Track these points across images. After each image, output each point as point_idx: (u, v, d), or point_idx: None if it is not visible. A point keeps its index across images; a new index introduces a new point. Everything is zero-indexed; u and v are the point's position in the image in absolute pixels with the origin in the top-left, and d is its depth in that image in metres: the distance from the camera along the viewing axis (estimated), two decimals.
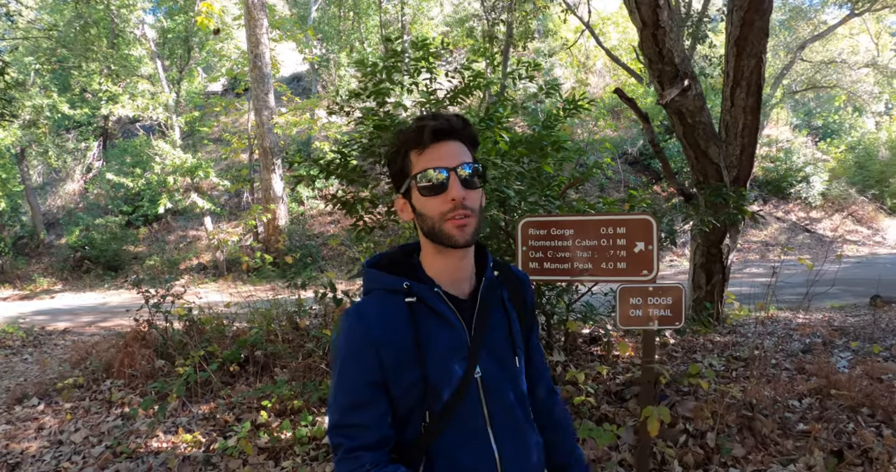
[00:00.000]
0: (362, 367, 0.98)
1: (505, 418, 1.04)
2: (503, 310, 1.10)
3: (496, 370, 1.04)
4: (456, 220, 0.95)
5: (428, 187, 0.96)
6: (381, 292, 1.04)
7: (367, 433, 0.97)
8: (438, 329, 1.01)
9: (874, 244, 17.99)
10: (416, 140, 0.98)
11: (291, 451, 2.91)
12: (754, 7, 4.21)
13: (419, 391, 0.98)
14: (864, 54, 22.33)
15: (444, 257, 1.03)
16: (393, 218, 3.51)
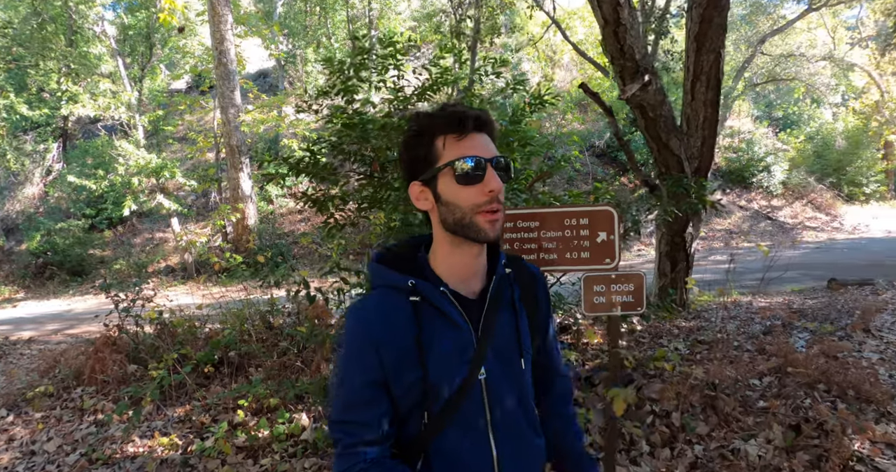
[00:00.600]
0: (363, 366, 0.97)
1: (507, 420, 1.03)
2: (512, 310, 1.07)
3: (501, 372, 1.02)
4: (489, 214, 0.94)
5: (465, 176, 0.93)
6: (386, 289, 1.02)
7: (366, 430, 0.97)
8: (443, 329, 0.99)
9: (832, 230, 18.69)
10: (455, 126, 0.95)
11: (270, 449, 2.93)
12: (713, 4, 4.35)
13: (419, 391, 0.97)
14: (821, 48, 23.13)
15: (460, 252, 1.01)
16: (363, 215, 3.54)
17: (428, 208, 1.01)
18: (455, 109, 0.96)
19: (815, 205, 20.62)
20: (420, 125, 0.98)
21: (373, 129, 2.93)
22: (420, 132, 0.98)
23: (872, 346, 5.03)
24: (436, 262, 1.03)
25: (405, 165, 1.03)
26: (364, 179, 3.41)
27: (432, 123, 0.97)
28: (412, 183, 1.01)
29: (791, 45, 23.09)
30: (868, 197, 22.76)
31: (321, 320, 3.62)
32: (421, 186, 1.00)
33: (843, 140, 23.97)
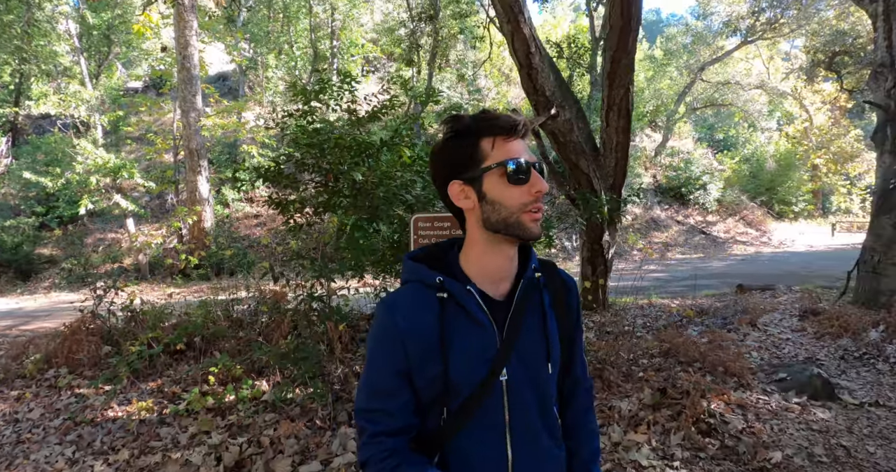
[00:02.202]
0: (389, 356, 1.01)
1: (525, 425, 1.04)
2: (541, 315, 1.08)
3: (524, 376, 1.03)
4: (533, 213, 0.98)
5: (516, 176, 0.97)
6: (416, 285, 1.05)
7: (390, 420, 1.00)
8: (467, 327, 1.01)
9: (761, 244, 20.28)
10: (506, 128, 0.99)
11: (235, 409, 3.52)
12: (622, 48, 5.20)
13: (440, 386, 0.99)
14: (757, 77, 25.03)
15: (495, 252, 1.03)
16: (319, 217, 4.17)
17: (469, 207, 1.03)
18: (501, 113, 1.02)
19: (747, 221, 22.27)
20: (464, 127, 1.01)
21: (329, 147, 3.57)
22: (464, 134, 1.01)
23: (754, 337, 5.99)
24: (467, 262, 1.06)
25: (442, 166, 1.05)
26: (320, 187, 4.05)
27: (479, 125, 1.00)
28: (452, 182, 1.03)
29: (729, 73, 24.89)
30: (797, 215, 24.72)
31: (280, 301, 4.20)
32: (462, 186, 1.02)
33: (773, 162, 25.89)
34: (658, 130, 25.11)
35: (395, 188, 3.42)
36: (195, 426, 3.35)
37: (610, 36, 5.04)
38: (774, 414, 3.82)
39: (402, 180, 3.47)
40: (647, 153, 22.83)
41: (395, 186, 3.44)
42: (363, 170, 3.54)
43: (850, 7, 15.74)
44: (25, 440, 3.55)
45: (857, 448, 3.46)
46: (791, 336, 5.98)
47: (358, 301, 5.40)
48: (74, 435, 3.49)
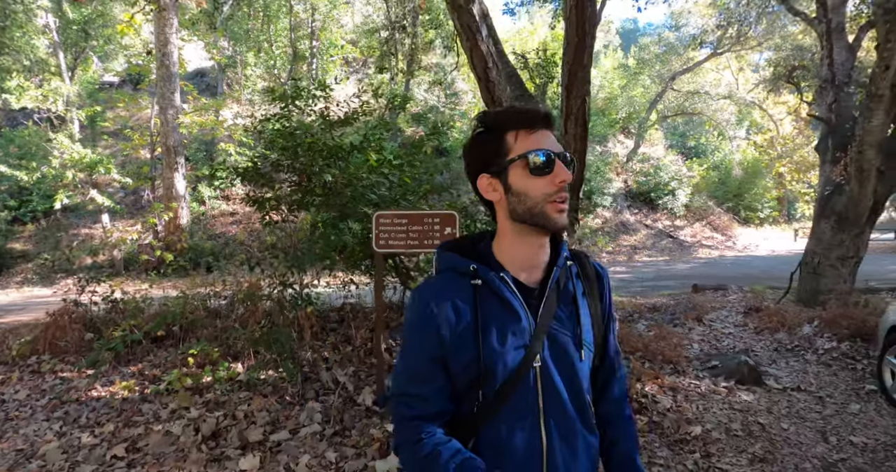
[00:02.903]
0: (424, 342, 1.03)
1: (559, 411, 1.04)
2: (573, 303, 1.09)
3: (557, 363, 1.04)
4: (558, 203, 0.99)
5: (539, 167, 0.98)
6: (450, 273, 1.07)
7: (426, 405, 1.02)
8: (500, 313, 1.02)
9: (725, 248, 21.01)
10: (527, 121, 1.01)
11: (212, 388, 3.83)
12: (577, 62, 5.60)
13: (475, 371, 1.00)
14: (726, 87, 25.91)
15: (525, 242, 1.05)
16: (294, 215, 4.50)
17: (496, 199, 1.05)
18: (526, 107, 1.06)
19: (714, 226, 23.05)
20: (490, 122, 1.05)
21: (302, 150, 3.92)
22: (490, 128, 1.04)
23: (699, 331, 6.49)
24: (500, 251, 1.08)
25: (472, 160, 1.08)
26: (294, 186, 4.38)
27: (504, 119, 1.03)
28: (480, 176, 1.06)
29: (699, 83, 25.72)
30: (762, 220, 25.64)
31: (255, 291, 4.52)
32: (489, 179, 1.04)
33: (740, 170, 26.82)
34: (630, 136, 25.82)
35: (362, 189, 3.78)
36: (175, 402, 3.66)
37: (567, 50, 5.44)
38: (702, 396, 4.28)
39: (369, 181, 3.84)
40: (619, 159, 23.49)
41: (363, 186, 3.80)
42: (334, 171, 3.90)
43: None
44: (14, 417, 3.81)
45: (772, 425, 3.92)
46: (733, 331, 6.49)
47: (329, 295, 5.74)
48: (61, 412, 3.77)
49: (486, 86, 4.59)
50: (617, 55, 30.82)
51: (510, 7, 10.18)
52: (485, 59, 4.48)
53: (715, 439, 3.57)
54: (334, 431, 3.21)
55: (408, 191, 4.41)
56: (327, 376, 3.80)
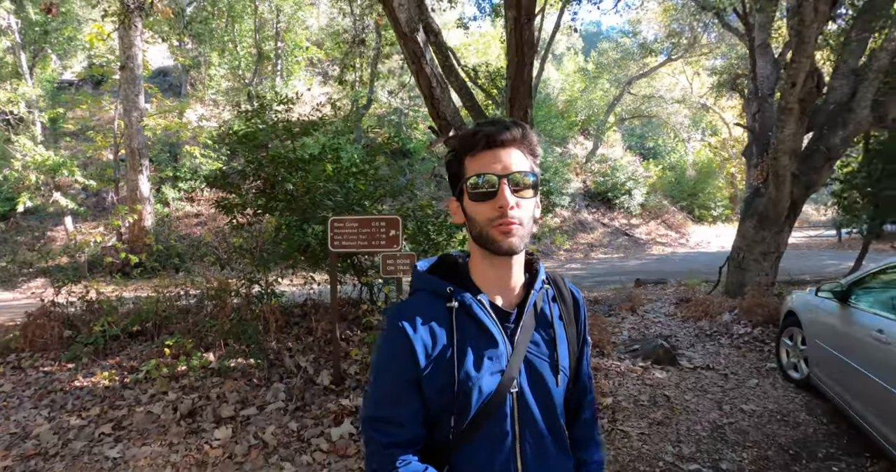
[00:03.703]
0: (397, 364, 1.00)
1: (535, 437, 1.03)
2: (550, 327, 1.08)
3: (533, 388, 1.03)
4: (501, 227, 0.95)
5: (477, 193, 0.97)
6: (426, 294, 1.05)
7: (400, 431, 0.99)
8: (477, 337, 1.00)
9: (678, 245, 22.05)
10: (471, 145, 0.99)
11: (187, 375, 4.28)
12: (518, 78, 6.21)
13: (449, 396, 0.98)
14: (681, 91, 27.07)
15: (492, 264, 1.03)
16: (258, 218, 4.97)
17: (461, 222, 1.05)
18: (473, 129, 1.00)
19: (668, 224, 24.13)
20: (454, 145, 1.04)
21: (266, 161, 4.39)
22: (455, 153, 1.03)
23: (631, 320, 7.19)
24: (474, 273, 1.06)
25: (449, 182, 1.08)
26: (259, 192, 4.85)
27: (460, 143, 1.02)
28: (451, 199, 1.07)
29: (656, 87, 26.80)
30: (715, 218, 26.91)
31: (224, 288, 4.96)
32: (456, 202, 1.05)
33: (694, 170, 28.07)
34: (590, 137, 26.76)
35: (320, 196, 4.29)
36: (154, 388, 4.10)
37: (509, 68, 6.05)
38: (620, 374, 4.92)
39: (326, 189, 4.34)
40: (578, 160, 24.37)
41: (320, 194, 4.31)
42: (295, 180, 4.38)
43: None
44: (2, 407, 4.17)
45: (676, 397, 4.58)
46: (662, 319, 7.21)
47: (293, 293, 6.21)
48: (48, 400, 4.16)
49: (431, 103, 5.14)
50: (578, 59, 31.76)
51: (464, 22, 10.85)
52: (429, 79, 5.02)
53: (623, 407, 4.20)
54: (296, 406, 3.73)
55: (364, 196, 4.92)
56: (290, 362, 4.30)
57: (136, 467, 3.09)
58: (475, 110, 6.73)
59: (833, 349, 3.83)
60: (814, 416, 4.14)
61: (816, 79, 7.56)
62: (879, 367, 3.10)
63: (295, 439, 3.35)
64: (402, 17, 4.56)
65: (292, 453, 3.19)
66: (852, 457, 3.46)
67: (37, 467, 3.20)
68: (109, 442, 3.41)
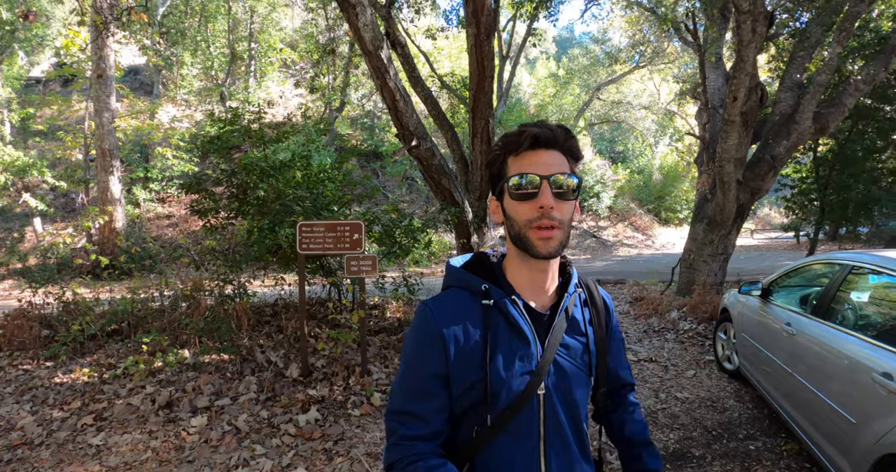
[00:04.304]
0: (428, 358, 1.00)
1: (560, 439, 1.03)
2: (581, 332, 1.09)
3: (561, 391, 1.03)
4: (541, 231, 0.95)
5: (519, 192, 0.97)
6: (460, 290, 1.06)
7: (422, 425, 1.00)
8: (509, 337, 1.00)
9: (644, 247, 22.81)
10: (515, 145, 1.00)
11: (164, 370, 4.54)
12: (480, 90, 6.62)
13: (478, 394, 0.99)
14: (648, 97, 27.87)
15: (527, 265, 1.03)
16: (231, 222, 5.25)
17: (500, 221, 1.06)
18: (520, 129, 1.01)
19: (636, 226, 24.89)
20: (499, 144, 1.04)
21: (240, 169, 4.70)
22: (498, 152, 1.04)
23: None
24: (509, 272, 1.07)
25: (490, 181, 1.09)
26: (232, 198, 5.14)
27: (504, 142, 1.02)
28: (491, 197, 1.08)
29: (624, 93, 27.57)
30: (681, 221, 27.79)
31: (199, 287, 5.23)
32: (495, 201, 1.06)
33: (660, 174, 28.94)
34: None
35: (289, 202, 4.61)
36: (132, 383, 4.36)
37: (471, 81, 6.44)
38: None
39: (295, 195, 4.67)
40: None
41: (290, 200, 4.63)
42: (265, 187, 4.69)
43: None
44: None
45: None
46: (616, 317, 7.67)
47: (265, 294, 6.50)
48: (29, 396, 4.38)
49: (395, 114, 5.50)
50: (550, 64, 32.43)
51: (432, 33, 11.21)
52: (393, 93, 5.38)
53: None
54: (266, 397, 4.05)
55: (332, 201, 5.25)
56: (262, 357, 4.60)
57: (118, 452, 3.37)
58: (440, 119, 7.13)
59: (755, 341, 4.29)
60: (741, 402, 4.59)
61: (760, 93, 8.16)
62: (787, 355, 3.55)
63: (266, 425, 3.67)
64: (367, 36, 4.91)
65: (263, 437, 3.51)
66: (769, 437, 3.90)
67: (24, 455, 3.45)
68: (92, 431, 3.67)
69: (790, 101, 8.39)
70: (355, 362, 4.52)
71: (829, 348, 3.00)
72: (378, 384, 4.28)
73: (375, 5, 6.49)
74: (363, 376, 4.27)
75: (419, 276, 5.93)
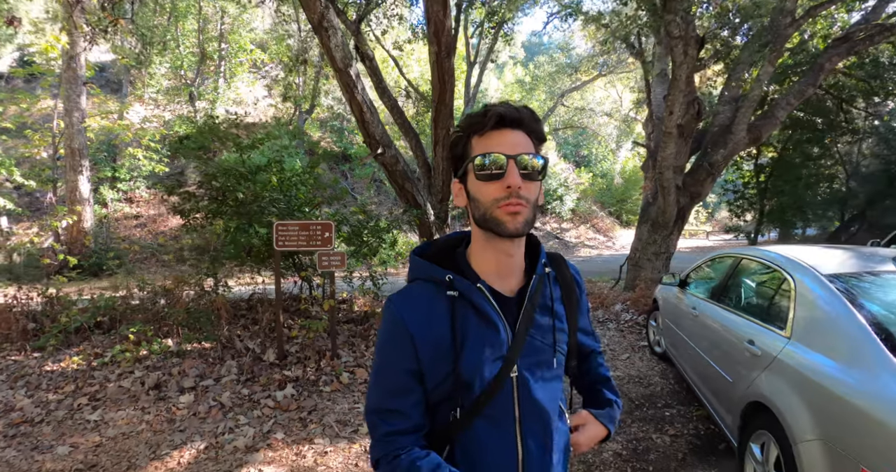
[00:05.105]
0: (399, 355, 1.01)
1: (535, 418, 1.05)
2: (550, 311, 1.09)
3: (534, 371, 1.05)
4: (508, 207, 0.95)
5: (484, 173, 0.96)
6: (425, 282, 1.05)
7: (402, 420, 1.01)
8: (478, 326, 1.01)
9: (605, 248, 23.73)
10: (480, 125, 0.98)
11: (150, 357, 4.98)
12: (441, 101, 7.20)
13: (450, 385, 1.00)
14: (611, 104, 28.92)
15: (493, 248, 1.03)
16: (210, 222, 5.71)
17: (463, 205, 1.05)
18: (484, 108, 0.99)
19: (597, 228, 25.86)
20: (461, 124, 1.02)
21: (220, 173, 5.18)
22: (461, 132, 1.02)
23: None
24: (473, 258, 1.07)
25: (451, 163, 1.07)
26: (211, 200, 5.60)
27: (468, 122, 1.01)
28: (454, 180, 1.06)
29: (588, 99, 28.56)
30: None
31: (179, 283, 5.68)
32: (458, 184, 1.05)
33: (622, 178, 30.04)
34: None
35: (265, 204, 5.12)
36: (120, 368, 4.79)
37: (433, 93, 7.03)
38: None
39: (271, 198, 5.19)
40: None
41: (266, 202, 5.14)
42: (243, 189, 5.19)
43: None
44: None
45: None
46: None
47: (241, 291, 6.95)
48: (23, 382, 4.76)
49: (362, 125, 6.05)
50: (517, 70, 33.29)
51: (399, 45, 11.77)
52: (360, 106, 5.93)
53: None
54: (247, 378, 4.55)
55: (304, 203, 5.77)
56: (241, 345, 5.09)
57: (115, 426, 3.83)
58: (405, 127, 7.70)
59: (674, 325, 4.99)
60: (665, 379, 5.27)
61: (697, 107, 8.96)
62: (693, 334, 4.24)
63: (247, 400, 4.19)
64: (338, 55, 5.44)
65: (245, 410, 4.03)
66: (683, 406, 4.57)
67: (26, 431, 3.87)
68: (88, 410, 4.11)
69: (728, 113, 9.23)
70: (326, 348, 5.07)
71: (718, 325, 3.70)
72: (346, 366, 4.83)
73: (346, 22, 7.03)
74: (333, 360, 4.83)
75: (384, 275, 6.48)
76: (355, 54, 6.38)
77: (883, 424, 1.99)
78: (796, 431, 2.40)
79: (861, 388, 2.19)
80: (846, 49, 8.42)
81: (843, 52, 8.45)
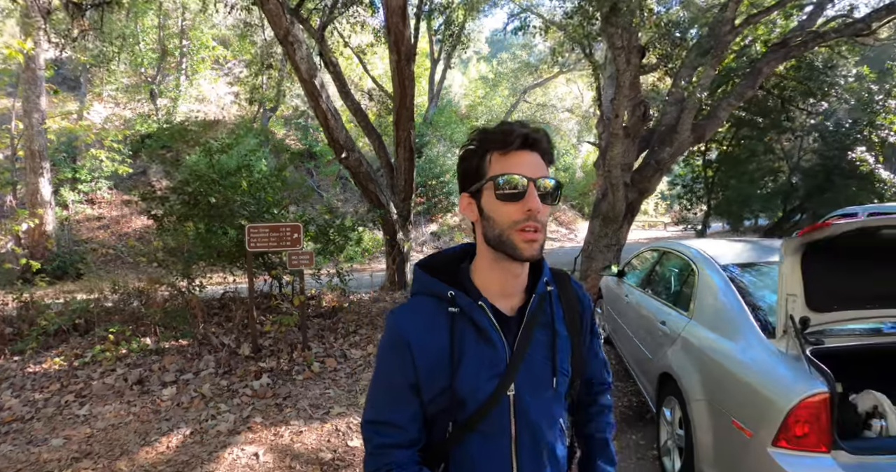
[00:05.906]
0: (397, 368, 1.02)
1: (533, 439, 1.05)
2: (551, 330, 1.09)
3: (532, 391, 1.05)
4: (526, 233, 0.95)
5: (505, 193, 0.96)
6: (426, 297, 1.06)
7: (397, 433, 1.02)
8: (477, 343, 1.02)
9: (567, 240, 24.47)
10: (503, 142, 0.98)
11: (129, 356, 5.29)
12: (402, 106, 7.62)
13: (446, 400, 1.01)
14: (573, 100, 29.66)
15: (501, 268, 1.03)
16: (181, 224, 6.01)
17: (474, 220, 1.04)
18: (506, 127, 0.99)
19: (560, 221, 26.61)
20: (477, 138, 1.02)
21: (193, 179, 5.50)
22: (476, 146, 1.02)
23: None
24: (478, 274, 1.07)
25: (459, 176, 1.07)
26: (183, 204, 5.91)
27: (485, 138, 1.00)
28: (462, 194, 1.05)
29: (550, 96, 29.25)
30: None
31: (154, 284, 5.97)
32: (469, 199, 1.04)
33: (583, 172, 30.91)
34: None
35: (236, 208, 5.48)
36: (102, 367, 5.08)
37: (395, 97, 7.45)
38: None
39: (241, 201, 5.55)
40: None
41: (236, 206, 5.50)
42: (215, 194, 5.52)
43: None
44: None
45: None
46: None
47: (213, 290, 7.26)
48: (7, 384, 4.99)
49: (327, 130, 6.43)
50: (481, 67, 33.79)
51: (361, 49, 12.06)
52: (325, 113, 6.31)
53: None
54: (224, 371, 4.92)
55: (273, 205, 6.12)
56: (217, 341, 5.44)
57: (104, 419, 4.16)
58: (368, 129, 8.09)
59: (613, 312, 5.55)
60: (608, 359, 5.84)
61: (643, 109, 9.59)
62: (625, 318, 4.81)
63: (226, 390, 4.56)
64: (304, 67, 5.81)
65: (225, 399, 4.41)
66: (621, 382, 5.08)
67: (18, 427, 4.15)
68: (76, 405, 4.42)
69: (674, 114, 9.87)
70: (297, 341, 5.46)
71: (643, 309, 4.26)
72: (317, 356, 5.24)
73: (310, 29, 7.36)
74: (304, 351, 5.23)
75: (351, 271, 6.88)
76: (320, 60, 6.72)
77: (747, 384, 2.53)
78: (690, 393, 2.95)
79: (734, 356, 2.73)
80: (783, 54, 9.12)
81: (781, 56, 9.15)
